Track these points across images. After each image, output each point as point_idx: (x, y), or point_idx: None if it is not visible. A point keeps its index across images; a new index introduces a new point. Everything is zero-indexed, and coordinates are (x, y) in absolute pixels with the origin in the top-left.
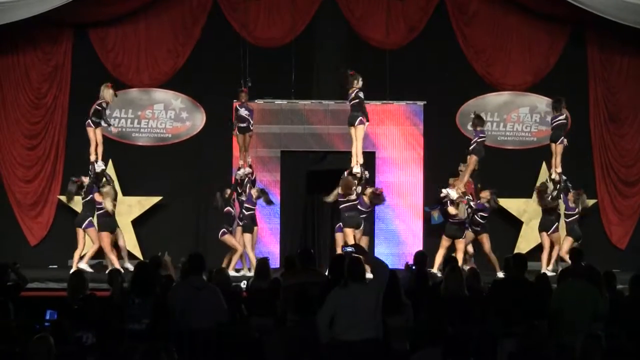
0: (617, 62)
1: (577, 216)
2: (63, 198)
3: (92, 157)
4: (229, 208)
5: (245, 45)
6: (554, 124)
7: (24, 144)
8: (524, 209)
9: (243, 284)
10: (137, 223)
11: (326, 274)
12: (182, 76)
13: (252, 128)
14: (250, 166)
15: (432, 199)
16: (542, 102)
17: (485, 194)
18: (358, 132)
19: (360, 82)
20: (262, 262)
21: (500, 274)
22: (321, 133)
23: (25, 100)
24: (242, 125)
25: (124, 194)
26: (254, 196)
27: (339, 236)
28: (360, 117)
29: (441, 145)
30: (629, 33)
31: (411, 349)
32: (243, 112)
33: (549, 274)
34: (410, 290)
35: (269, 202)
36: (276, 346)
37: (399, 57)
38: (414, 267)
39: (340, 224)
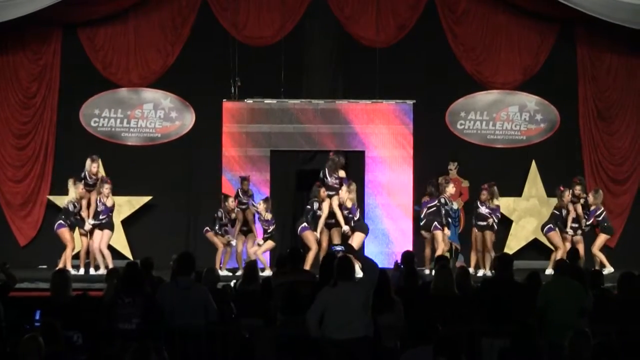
0: (606, 60)
1: (604, 212)
2: (52, 198)
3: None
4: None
5: (234, 44)
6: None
7: (13, 144)
8: (514, 207)
9: (232, 284)
10: (126, 223)
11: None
12: (172, 75)
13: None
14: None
15: (422, 197)
16: (532, 101)
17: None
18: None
19: None
20: (250, 265)
21: (480, 272)
22: (310, 132)
23: (14, 100)
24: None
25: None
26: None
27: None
28: None
29: (431, 144)
30: (618, 31)
31: (402, 347)
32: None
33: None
34: (400, 289)
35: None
36: (266, 345)
37: (388, 56)
38: (402, 266)
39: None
